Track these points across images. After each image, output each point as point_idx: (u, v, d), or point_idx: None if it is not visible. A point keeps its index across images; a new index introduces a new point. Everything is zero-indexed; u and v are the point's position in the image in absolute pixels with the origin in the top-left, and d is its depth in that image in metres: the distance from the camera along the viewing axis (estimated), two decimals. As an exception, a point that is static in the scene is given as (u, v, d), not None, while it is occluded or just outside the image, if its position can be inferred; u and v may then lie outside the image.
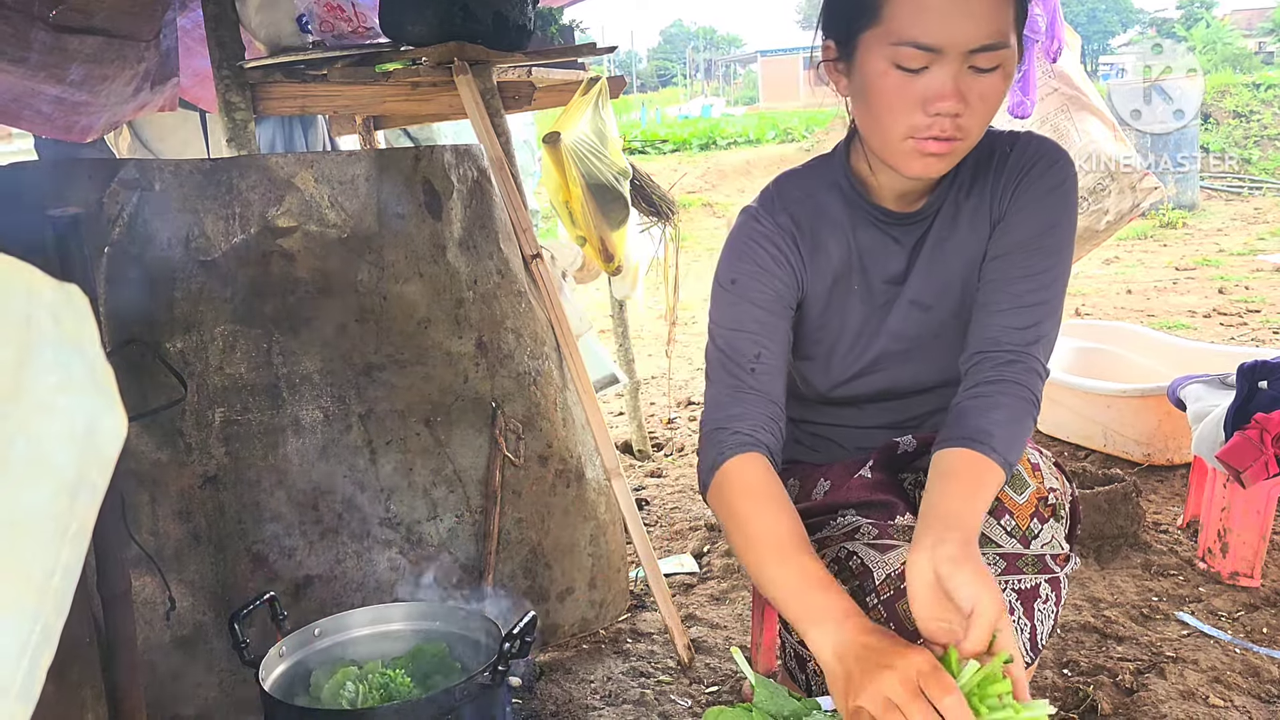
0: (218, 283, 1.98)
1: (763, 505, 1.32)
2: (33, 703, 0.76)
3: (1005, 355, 1.37)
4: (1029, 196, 1.44)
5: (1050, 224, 1.43)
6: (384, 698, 1.53)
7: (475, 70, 2.35)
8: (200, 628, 2.05)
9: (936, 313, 1.51)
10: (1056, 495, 1.43)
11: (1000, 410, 1.33)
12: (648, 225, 3.71)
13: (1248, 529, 2.54)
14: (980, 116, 1.30)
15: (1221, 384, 2.80)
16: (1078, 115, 4.41)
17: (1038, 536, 1.40)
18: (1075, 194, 1.46)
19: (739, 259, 1.49)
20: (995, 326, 1.40)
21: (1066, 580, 1.46)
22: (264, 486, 2.07)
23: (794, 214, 1.49)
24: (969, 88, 1.26)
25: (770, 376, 1.44)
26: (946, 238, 1.49)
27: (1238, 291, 6.74)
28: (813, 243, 1.50)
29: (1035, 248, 1.42)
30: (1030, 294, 1.40)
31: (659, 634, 2.49)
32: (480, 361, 2.22)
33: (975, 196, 1.48)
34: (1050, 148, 1.46)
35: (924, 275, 1.50)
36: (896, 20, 1.26)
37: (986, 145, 1.46)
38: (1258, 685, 2.12)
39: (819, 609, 1.17)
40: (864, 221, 1.50)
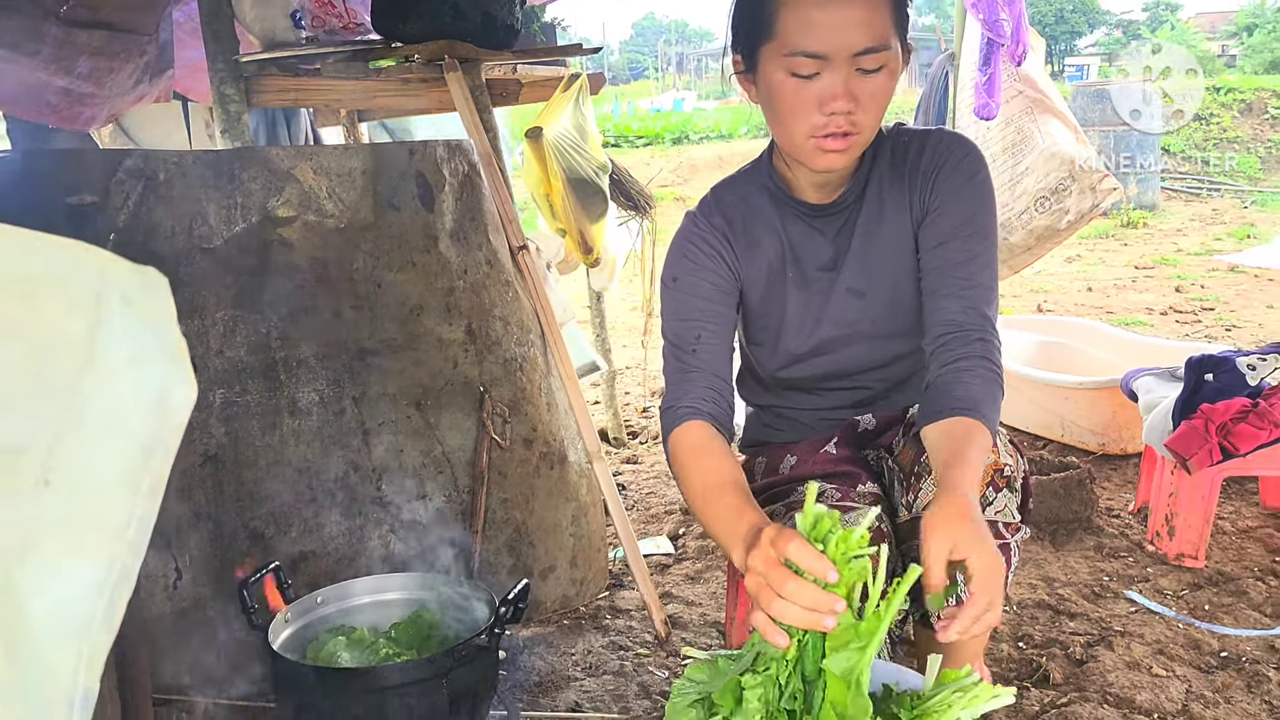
0: (220, 269, 2.07)
1: (696, 461, 1.46)
2: (113, 633, 0.86)
3: (970, 334, 1.49)
4: (950, 186, 1.56)
5: (975, 209, 1.56)
6: (379, 662, 1.63)
7: (465, 68, 2.44)
8: (201, 600, 2.14)
9: (871, 299, 1.65)
10: (1010, 469, 1.55)
11: (977, 382, 1.45)
12: (626, 219, 3.82)
13: (1193, 513, 2.69)
14: (872, 112, 1.44)
15: (1171, 377, 2.95)
16: (1041, 117, 4.56)
17: (992, 504, 1.53)
18: (989, 180, 1.59)
19: (679, 259, 1.64)
20: (952, 309, 1.52)
21: (1017, 548, 1.59)
22: (261, 465, 2.16)
23: (728, 215, 1.65)
24: (858, 88, 1.41)
25: (711, 354, 1.58)
26: (874, 228, 1.62)
27: (1194, 290, 6.95)
28: (746, 240, 1.65)
29: (969, 232, 1.55)
30: (976, 274, 1.53)
31: (637, 610, 2.60)
32: (469, 348, 2.32)
33: (895, 189, 1.61)
34: (961, 141, 1.60)
35: (857, 265, 1.64)
36: (788, 34, 1.40)
37: (902, 142, 1.62)
38: (1198, 657, 2.27)
39: (738, 533, 1.28)
40: (791, 216, 1.64)
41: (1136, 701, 2.08)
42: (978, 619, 1.21)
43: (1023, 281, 7.39)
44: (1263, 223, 10.04)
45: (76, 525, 0.86)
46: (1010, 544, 1.56)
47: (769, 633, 1.12)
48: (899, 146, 1.62)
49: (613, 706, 2.17)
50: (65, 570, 0.85)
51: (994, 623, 1.23)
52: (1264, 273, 7.37)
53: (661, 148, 15.41)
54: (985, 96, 4.41)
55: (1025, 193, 4.52)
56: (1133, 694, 2.10)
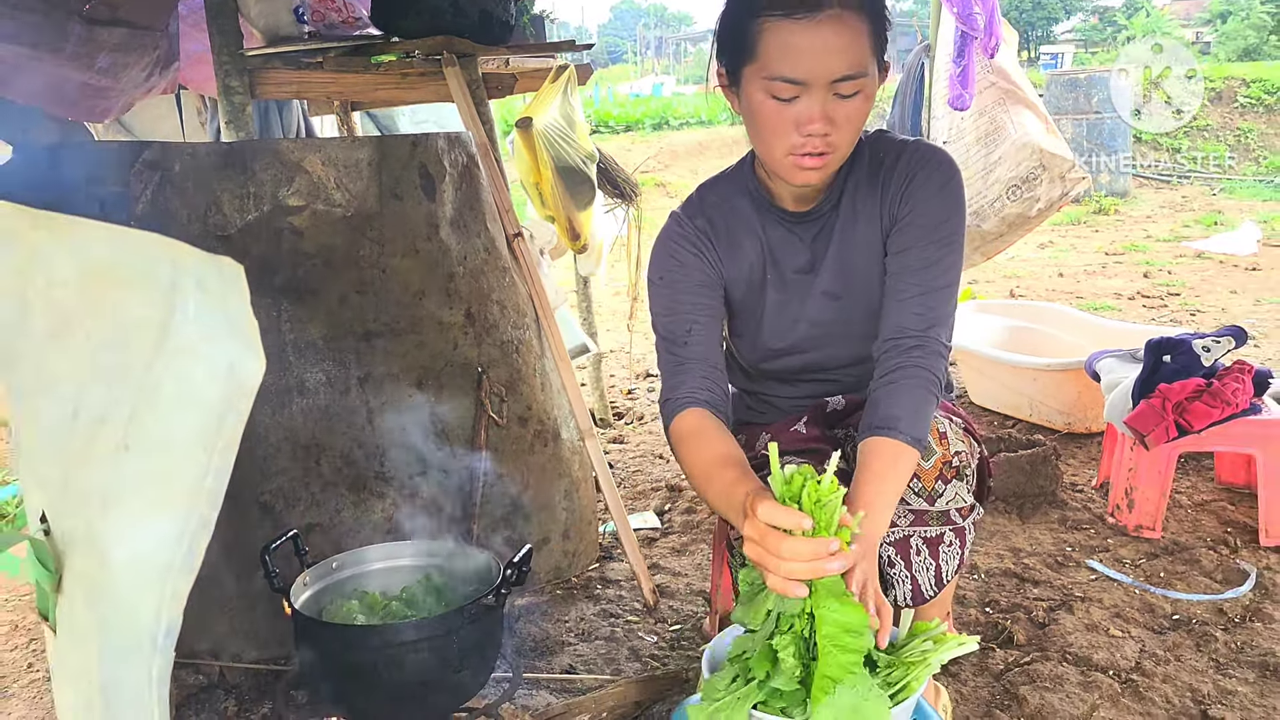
0: (233, 256, 2.15)
1: (695, 443, 1.58)
2: (193, 574, 0.99)
3: (910, 341, 1.59)
4: (919, 196, 1.65)
5: (942, 219, 1.65)
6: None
7: (462, 62, 2.55)
8: (214, 569, 2.25)
9: (846, 302, 1.75)
10: (961, 457, 1.69)
11: (907, 396, 1.55)
12: (612, 206, 3.93)
13: (1151, 487, 2.85)
14: (847, 134, 1.54)
15: (1132, 358, 3.11)
16: (1013, 108, 4.71)
17: (942, 495, 1.68)
18: (962, 192, 1.68)
19: (664, 259, 1.74)
20: (901, 314, 1.62)
21: (971, 527, 1.74)
22: (271, 442, 2.27)
23: (710, 217, 1.75)
24: (834, 111, 1.50)
25: (703, 344, 1.69)
26: (849, 235, 1.72)
27: (1161, 276, 7.14)
28: (728, 241, 1.74)
29: (930, 240, 1.63)
30: (930, 280, 1.62)
31: (626, 581, 2.73)
32: (468, 331, 2.44)
33: (869, 197, 1.70)
34: (935, 153, 1.69)
35: (833, 269, 1.74)
36: (768, 58, 1.48)
37: (879, 151, 1.71)
38: (1152, 620, 2.43)
39: (737, 504, 1.40)
40: (771, 221, 1.74)
41: (1093, 660, 2.24)
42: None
43: (996, 267, 7.56)
44: (1230, 209, 10.26)
45: (155, 483, 0.98)
46: (963, 526, 1.71)
47: (788, 589, 1.24)
48: (876, 156, 1.70)
49: (604, 669, 2.31)
50: (145, 523, 0.98)
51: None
52: (1228, 258, 7.58)
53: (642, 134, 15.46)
54: (959, 88, 4.54)
55: (997, 181, 4.67)
56: (1090, 653, 2.26)
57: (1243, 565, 2.64)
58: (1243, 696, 2.09)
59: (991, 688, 2.17)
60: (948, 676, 2.20)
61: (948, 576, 1.74)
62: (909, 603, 1.74)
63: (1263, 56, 22.45)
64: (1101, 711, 2.05)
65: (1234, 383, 2.76)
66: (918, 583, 1.73)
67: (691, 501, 3.28)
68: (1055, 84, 11.63)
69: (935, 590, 1.74)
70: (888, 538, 1.73)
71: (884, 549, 1.74)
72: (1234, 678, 2.16)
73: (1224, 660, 2.23)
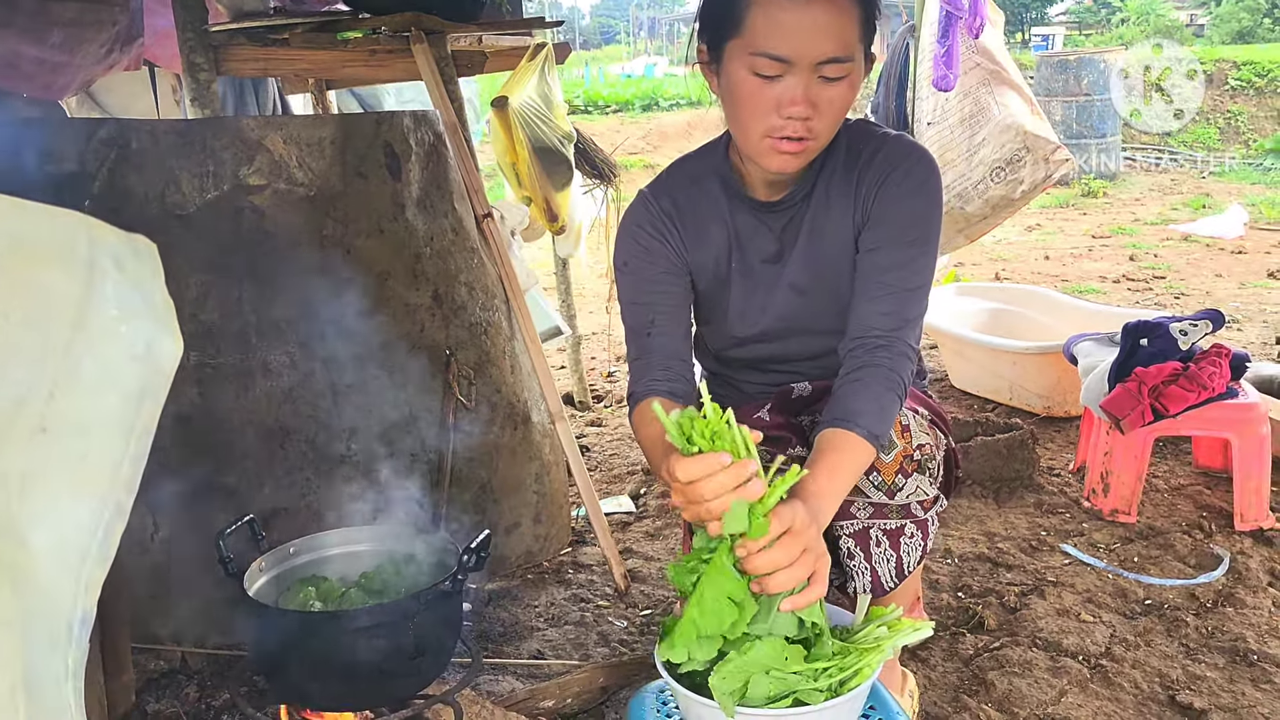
0: (192, 236, 2.14)
1: (650, 428, 1.57)
2: (108, 564, 0.96)
3: (876, 341, 1.56)
4: (894, 195, 1.61)
5: (916, 219, 1.61)
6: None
7: (431, 40, 2.51)
8: (176, 555, 2.22)
9: (813, 297, 1.71)
10: (924, 450, 1.65)
11: (869, 393, 1.52)
12: (590, 187, 3.89)
13: (1126, 471, 2.84)
14: (829, 120, 1.49)
15: (1109, 341, 3.09)
16: (998, 89, 4.66)
17: (902, 489, 1.65)
18: (939, 192, 1.64)
19: (627, 243, 1.72)
20: (869, 314, 1.58)
21: (935, 518, 1.72)
22: (234, 425, 2.24)
23: (677, 199, 1.70)
24: (818, 95, 1.46)
25: (665, 337, 1.67)
26: (819, 227, 1.68)
27: (1147, 259, 7.12)
28: (695, 225, 1.70)
29: (902, 240, 1.60)
30: (899, 281, 1.59)
31: (598, 565, 2.71)
32: (435, 312, 2.41)
33: (843, 190, 1.65)
34: (914, 150, 1.64)
35: (801, 262, 1.70)
36: (755, 33, 1.44)
37: (857, 143, 1.66)
38: (1124, 604, 2.42)
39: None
40: (739, 208, 1.70)
41: (1063, 645, 2.22)
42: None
43: (982, 250, 7.54)
44: (1218, 192, 10.24)
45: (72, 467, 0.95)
46: (925, 519, 1.69)
47: (731, 524, 1.26)
48: (853, 148, 1.65)
49: (573, 654, 2.29)
50: (63, 507, 0.95)
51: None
52: (1214, 241, 7.56)
53: (631, 114, 15.39)
54: (943, 68, 4.50)
55: (981, 163, 4.63)
56: (1060, 638, 2.25)
57: (1217, 550, 2.63)
58: (1211, 682, 2.08)
59: (960, 673, 2.16)
60: (916, 661, 2.19)
61: (909, 568, 1.72)
62: (868, 593, 1.72)
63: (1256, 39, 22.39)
64: (1069, 697, 2.04)
65: (1210, 366, 2.75)
66: (877, 574, 1.71)
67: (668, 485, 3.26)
68: (1045, 66, 11.58)
69: (895, 581, 1.72)
70: (847, 529, 1.71)
71: (843, 540, 1.72)
72: (1203, 663, 2.15)
73: (1194, 646, 2.22)
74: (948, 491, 1.83)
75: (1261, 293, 5.89)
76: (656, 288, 1.68)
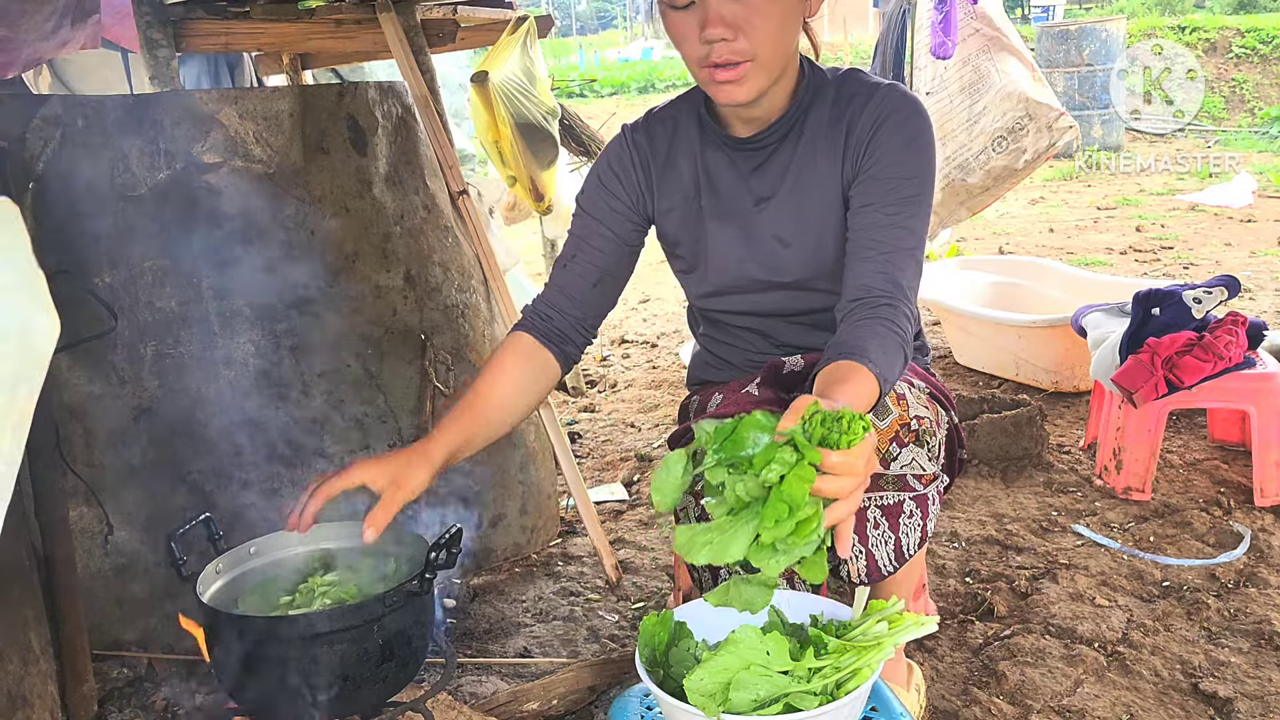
0: (145, 218, 2.01)
1: (487, 368, 1.62)
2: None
3: (878, 300, 1.46)
4: (888, 148, 1.53)
5: (909, 174, 1.52)
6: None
7: (398, 8, 2.38)
8: (138, 555, 2.11)
9: (796, 250, 1.62)
10: (922, 423, 1.55)
11: (876, 337, 1.41)
12: (578, 165, 3.77)
13: (1140, 446, 2.71)
14: (757, 38, 1.43)
15: (1119, 312, 2.96)
16: (998, 56, 4.53)
17: (897, 459, 1.52)
18: (932, 146, 1.56)
19: (593, 175, 1.72)
20: (866, 274, 1.49)
21: (935, 498, 1.58)
22: (198, 418, 2.12)
23: (652, 133, 1.69)
24: (729, 12, 1.41)
25: (574, 274, 1.68)
26: (805, 177, 1.59)
27: (1154, 229, 6.97)
28: (666, 160, 1.67)
29: (898, 198, 1.51)
30: (897, 241, 1.50)
31: (589, 557, 2.59)
32: (408, 295, 2.28)
33: (830, 140, 1.57)
34: (908, 101, 1.56)
35: (784, 211, 1.61)
36: None
37: (846, 90, 1.58)
38: (1140, 587, 2.30)
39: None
40: (711, 144, 1.65)
41: (1078, 631, 2.10)
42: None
43: (985, 224, 7.39)
44: (1225, 161, 10.07)
45: (-56, 468, 0.83)
46: (925, 494, 1.56)
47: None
48: (843, 96, 1.58)
49: (561, 651, 2.18)
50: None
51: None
52: (1223, 211, 7.41)
53: (628, 97, 15.27)
54: (941, 35, 4.36)
55: (983, 133, 4.49)
56: (1074, 624, 2.13)
57: (1237, 527, 2.51)
58: (1235, 668, 1.96)
59: (970, 663, 2.04)
60: (923, 652, 2.07)
61: (909, 551, 1.58)
62: (864, 579, 1.59)
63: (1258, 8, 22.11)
64: (1086, 687, 1.92)
65: (1226, 335, 2.61)
66: (874, 558, 1.58)
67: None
68: (1046, 36, 11.40)
69: (894, 565, 1.59)
70: None
71: None
72: (1227, 647, 2.03)
73: (1216, 629, 2.10)
74: (951, 473, 1.71)
75: (1273, 261, 5.74)
76: (596, 224, 1.68)
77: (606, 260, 1.68)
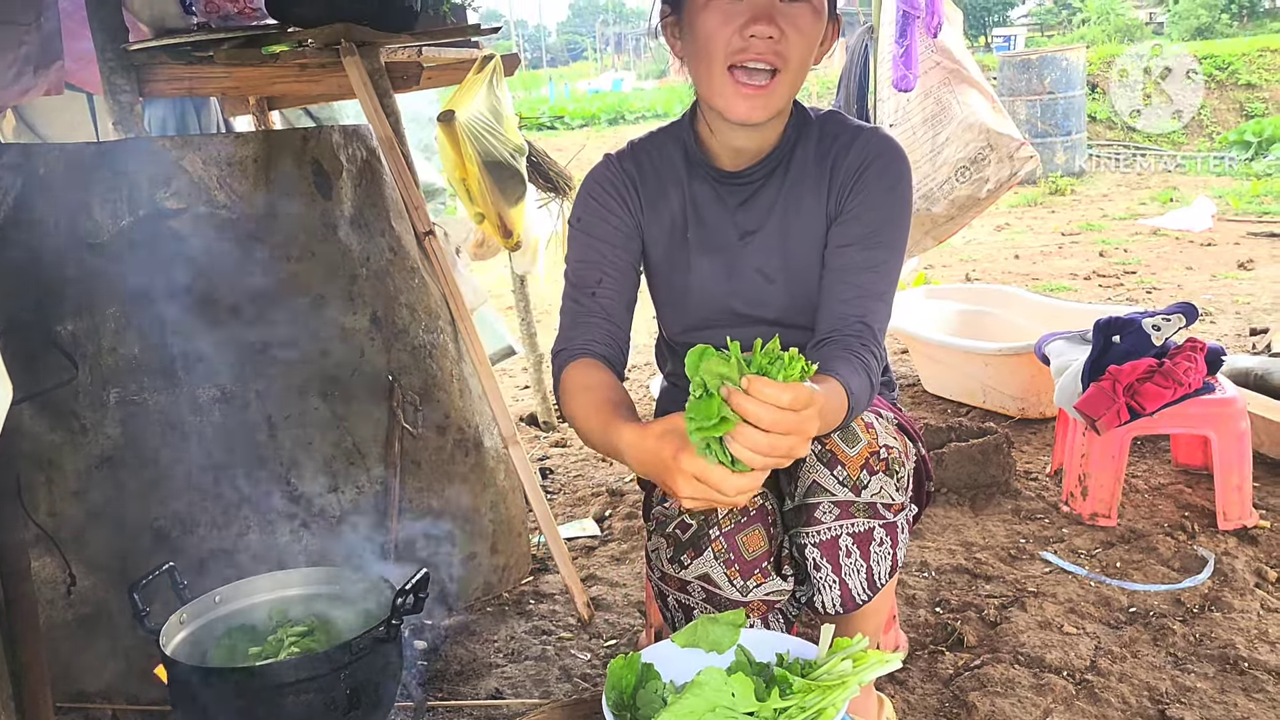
0: (108, 265, 2.01)
1: (587, 394, 1.49)
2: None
3: (848, 340, 1.50)
4: (870, 192, 1.57)
5: (888, 220, 1.57)
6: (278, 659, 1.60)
7: (362, 51, 2.39)
8: (103, 605, 2.09)
9: (779, 286, 1.65)
10: (891, 452, 1.56)
11: (846, 364, 1.45)
12: (546, 200, 3.79)
13: (1104, 473, 2.74)
14: (797, 47, 1.46)
15: (1081, 340, 3.00)
16: (959, 88, 4.59)
17: (867, 486, 1.54)
18: (910, 191, 1.61)
19: (586, 200, 1.68)
20: (838, 315, 1.53)
21: (905, 527, 1.60)
22: (163, 464, 2.11)
23: (640, 162, 1.67)
24: (782, 14, 1.44)
25: (610, 299, 1.62)
26: (791, 214, 1.62)
27: (1117, 254, 7.07)
28: (655, 190, 1.66)
29: (876, 242, 1.56)
30: (871, 284, 1.55)
31: (560, 594, 2.59)
32: (375, 336, 2.28)
33: (816, 178, 1.61)
34: (890, 146, 1.61)
35: (769, 247, 1.64)
36: None
37: (831, 132, 1.62)
38: (1108, 614, 2.32)
39: (621, 443, 1.34)
40: (699, 176, 1.66)
41: (1046, 660, 2.12)
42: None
43: (952, 251, 7.47)
44: (1185, 185, 10.24)
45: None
46: (895, 522, 1.58)
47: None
48: (828, 135, 1.63)
49: (534, 691, 2.17)
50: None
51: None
52: (1183, 235, 7.53)
53: (598, 129, 15.36)
54: (903, 69, 4.43)
55: (946, 163, 4.55)
56: (1043, 653, 2.14)
57: (1201, 551, 2.54)
58: (1202, 693, 1.98)
59: (940, 694, 2.05)
60: (894, 684, 2.07)
61: (881, 579, 1.60)
62: (839, 609, 1.60)
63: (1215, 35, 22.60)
64: (1055, 716, 1.94)
65: (1186, 361, 2.66)
66: (848, 587, 1.59)
67: (633, 506, 3.14)
68: (1007, 66, 11.58)
69: (868, 595, 1.60)
70: (812, 537, 1.58)
71: (809, 550, 1.60)
72: (1193, 673, 2.05)
73: (1182, 655, 2.12)
74: (920, 504, 1.74)
75: (1233, 284, 5.84)
76: (609, 249, 1.64)
77: (629, 280, 1.66)
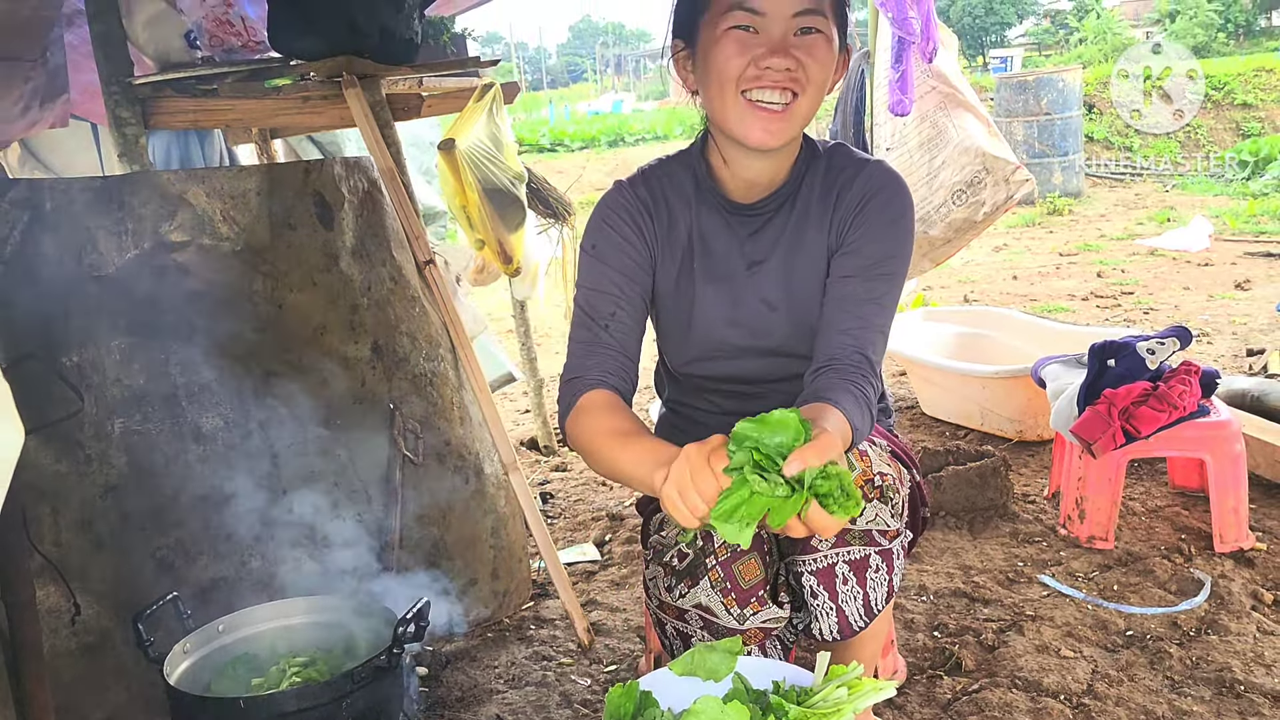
0: (113, 298, 2.03)
1: (606, 419, 1.49)
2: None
3: (846, 369, 1.52)
4: (872, 224, 1.60)
5: (889, 253, 1.60)
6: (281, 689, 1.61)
7: (364, 84, 2.43)
8: (107, 634, 2.10)
9: (783, 315, 1.67)
10: (885, 479, 1.59)
11: (845, 392, 1.47)
12: (545, 226, 3.82)
13: (1101, 496, 2.76)
14: (813, 75, 1.49)
15: (1076, 363, 3.03)
16: (954, 112, 4.64)
17: (862, 514, 1.56)
18: (912, 224, 1.64)
19: (600, 226, 1.67)
20: (837, 345, 1.55)
21: (900, 553, 1.62)
22: (166, 493, 2.13)
23: (652, 189, 1.68)
24: (796, 45, 1.47)
25: (623, 332, 1.62)
26: (796, 246, 1.65)
27: (1115, 274, 7.11)
28: (667, 216, 1.67)
29: (876, 274, 1.58)
30: (872, 316, 1.57)
31: (561, 620, 2.60)
32: (376, 365, 2.31)
33: (820, 210, 1.63)
34: (893, 180, 1.63)
35: (774, 277, 1.66)
36: None
37: (837, 162, 1.65)
38: (1105, 637, 2.33)
39: (651, 464, 1.34)
40: (708, 205, 1.67)
41: (1044, 684, 2.13)
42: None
43: (950, 273, 7.51)
44: (1182, 205, 10.28)
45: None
46: (890, 549, 1.60)
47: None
48: (834, 168, 1.65)
49: (534, 717, 2.18)
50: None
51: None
52: (1180, 255, 7.56)
53: (598, 151, 15.41)
54: (899, 93, 4.47)
55: (942, 186, 4.59)
56: (1040, 677, 2.15)
57: (1198, 574, 2.55)
58: (1198, 717, 1.99)
59: (939, 719, 2.06)
60: (893, 709, 2.09)
61: (877, 606, 1.62)
62: (837, 636, 1.62)
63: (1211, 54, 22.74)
64: (1052, 741, 1.95)
65: (1180, 385, 2.68)
66: (845, 614, 1.62)
67: (633, 531, 3.16)
68: (1004, 87, 11.66)
69: (865, 621, 1.62)
70: (809, 565, 1.61)
71: (806, 579, 1.62)
72: (1189, 696, 2.07)
73: (1179, 678, 2.13)
74: (915, 530, 1.75)
75: (1229, 304, 5.86)
76: (623, 281, 1.64)
77: (642, 313, 1.67)
